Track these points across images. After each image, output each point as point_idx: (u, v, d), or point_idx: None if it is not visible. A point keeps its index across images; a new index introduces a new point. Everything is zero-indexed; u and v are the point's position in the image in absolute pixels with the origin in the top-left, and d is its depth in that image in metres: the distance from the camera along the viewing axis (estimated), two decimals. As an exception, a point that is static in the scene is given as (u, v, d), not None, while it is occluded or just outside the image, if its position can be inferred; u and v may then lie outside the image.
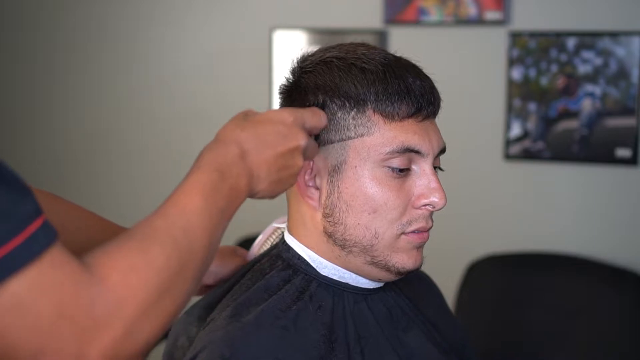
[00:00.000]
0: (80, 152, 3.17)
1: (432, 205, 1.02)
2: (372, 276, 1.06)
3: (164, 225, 0.75)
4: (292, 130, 0.91)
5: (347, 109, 1.01)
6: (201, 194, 0.80)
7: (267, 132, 0.90)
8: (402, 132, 1.00)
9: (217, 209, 0.81)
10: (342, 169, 1.01)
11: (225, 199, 0.83)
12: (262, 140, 0.89)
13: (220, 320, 0.99)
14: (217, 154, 0.86)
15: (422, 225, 1.03)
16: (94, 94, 3.14)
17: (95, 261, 0.69)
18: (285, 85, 1.08)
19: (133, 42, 3.06)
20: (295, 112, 0.94)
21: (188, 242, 0.76)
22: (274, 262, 1.08)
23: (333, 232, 1.03)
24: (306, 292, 1.03)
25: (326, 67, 1.03)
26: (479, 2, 2.55)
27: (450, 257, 2.62)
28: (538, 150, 2.55)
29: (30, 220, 0.65)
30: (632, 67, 2.42)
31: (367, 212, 1.01)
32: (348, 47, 1.06)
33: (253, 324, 0.96)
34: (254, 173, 0.87)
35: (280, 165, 0.90)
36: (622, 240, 2.51)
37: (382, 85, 1.01)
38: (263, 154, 0.88)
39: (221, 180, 0.83)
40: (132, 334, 0.69)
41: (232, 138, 0.88)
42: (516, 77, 2.55)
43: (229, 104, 2.94)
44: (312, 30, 2.78)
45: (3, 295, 0.63)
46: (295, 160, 0.92)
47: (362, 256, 1.03)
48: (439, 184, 1.02)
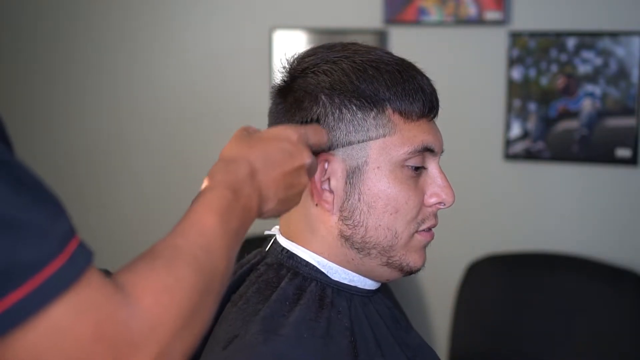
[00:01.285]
0: (80, 152, 3.17)
1: (443, 203, 1.04)
2: (382, 277, 1.06)
3: (186, 245, 0.74)
4: (297, 148, 0.91)
5: (367, 110, 1.00)
6: (217, 213, 0.79)
7: (274, 150, 0.89)
8: (420, 131, 1.02)
9: (232, 230, 0.80)
10: (363, 170, 1.00)
11: (239, 219, 0.82)
12: (270, 159, 0.88)
13: (251, 336, 0.94)
14: (229, 172, 0.84)
15: (432, 223, 1.05)
16: (93, 94, 3.14)
17: (127, 282, 0.68)
18: (283, 86, 1.05)
19: (132, 42, 3.06)
20: (299, 130, 0.93)
21: (210, 263, 0.75)
22: (278, 271, 1.04)
23: (351, 235, 1.02)
24: (325, 299, 1.01)
25: (336, 67, 1.01)
26: (479, 2, 2.55)
27: (450, 257, 2.62)
28: (538, 150, 2.55)
29: (68, 240, 0.64)
30: (632, 67, 2.42)
31: (389, 213, 1.01)
32: (348, 46, 1.05)
33: (295, 337, 0.94)
34: (263, 193, 0.86)
35: (287, 184, 0.90)
36: (622, 240, 2.51)
37: (400, 85, 1.01)
38: (271, 173, 0.87)
39: (235, 199, 0.82)
40: (166, 355, 0.68)
41: (241, 155, 0.87)
42: (516, 77, 2.55)
43: (229, 104, 2.94)
44: (312, 30, 2.78)
45: (43, 320, 0.62)
46: (301, 178, 0.92)
47: (379, 258, 1.03)
48: (448, 182, 1.05)
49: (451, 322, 2.58)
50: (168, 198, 3.05)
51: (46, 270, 0.62)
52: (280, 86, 1.06)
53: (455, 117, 2.55)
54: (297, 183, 0.91)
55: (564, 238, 2.57)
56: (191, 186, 3.00)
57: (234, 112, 2.91)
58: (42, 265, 0.62)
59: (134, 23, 3.06)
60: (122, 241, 3.11)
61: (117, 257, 3.23)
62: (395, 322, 1.08)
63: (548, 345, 2.39)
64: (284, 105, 1.04)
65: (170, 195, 3.04)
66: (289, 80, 1.05)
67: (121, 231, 3.13)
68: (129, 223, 3.13)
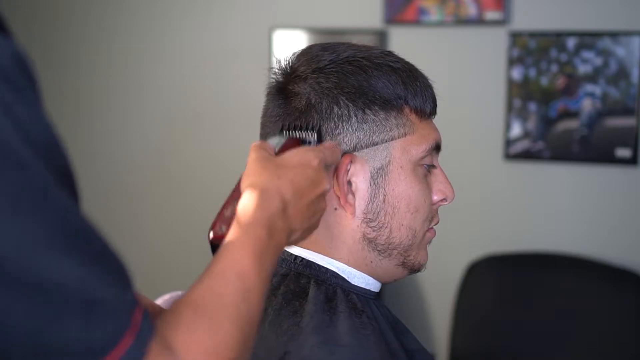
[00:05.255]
0: (80, 152, 3.17)
1: (447, 200, 1.05)
2: (391, 278, 1.06)
3: (227, 294, 0.74)
4: (319, 174, 0.89)
5: (389, 109, 0.99)
6: (254, 255, 0.78)
7: (299, 178, 0.87)
8: (431, 129, 1.03)
9: (267, 271, 0.79)
10: (387, 170, 1.00)
11: (271, 258, 0.81)
12: (297, 188, 0.86)
13: (311, 350, 0.92)
14: (263, 207, 0.82)
15: (438, 220, 1.06)
16: (93, 94, 3.14)
17: (176, 342, 0.69)
18: (284, 87, 1.02)
19: (132, 42, 3.06)
20: (319, 153, 0.91)
21: (248, 310, 0.75)
22: (297, 280, 1.01)
23: (375, 237, 1.01)
24: (356, 304, 0.99)
25: (353, 66, 0.99)
26: (479, 2, 2.55)
27: (450, 257, 2.62)
28: (538, 150, 2.55)
29: (134, 310, 0.66)
30: (632, 67, 2.42)
31: (410, 212, 1.01)
32: (353, 45, 1.03)
33: (357, 345, 0.93)
34: (291, 226, 0.85)
35: (311, 213, 0.88)
36: (622, 240, 2.51)
37: (414, 84, 1.01)
38: (299, 203, 0.86)
39: (269, 238, 0.80)
40: None
41: (273, 187, 0.84)
42: (516, 77, 2.55)
43: (228, 104, 2.94)
44: (312, 30, 2.78)
45: None
46: (321, 204, 0.90)
47: (398, 258, 1.03)
48: (447, 179, 1.06)
49: (451, 322, 2.58)
50: (168, 197, 3.05)
51: (118, 350, 0.63)
52: (282, 87, 1.02)
53: (455, 117, 2.55)
54: (319, 209, 0.90)
55: (564, 238, 2.57)
56: (190, 184, 3.02)
57: (234, 111, 2.91)
58: (113, 344, 0.63)
59: (132, 23, 3.05)
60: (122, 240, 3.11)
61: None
62: (396, 324, 1.08)
63: (548, 345, 2.39)
64: (288, 107, 1.01)
65: (170, 193, 3.04)
66: (292, 81, 1.01)
67: (121, 229, 3.13)
68: (130, 222, 3.13)
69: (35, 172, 0.62)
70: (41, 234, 0.61)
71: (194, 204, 2.99)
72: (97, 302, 0.63)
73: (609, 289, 2.43)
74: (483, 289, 2.56)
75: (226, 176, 3.02)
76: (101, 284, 0.64)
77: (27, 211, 0.61)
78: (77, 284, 0.62)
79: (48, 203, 0.62)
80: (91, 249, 0.65)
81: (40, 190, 0.62)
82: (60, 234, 0.62)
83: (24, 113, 0.62)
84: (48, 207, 0.62)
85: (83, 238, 0.64)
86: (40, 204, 0.61)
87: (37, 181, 0.61)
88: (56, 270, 0.61)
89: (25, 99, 0.63)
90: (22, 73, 0.64)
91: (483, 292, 2.55)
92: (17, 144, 0.61)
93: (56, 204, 0.63)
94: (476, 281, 2.55)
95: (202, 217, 3.09)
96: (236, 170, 0.94)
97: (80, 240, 0.64)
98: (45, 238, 0.61)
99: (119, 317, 0.64)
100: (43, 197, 0.62)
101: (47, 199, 0.62)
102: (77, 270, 0.62)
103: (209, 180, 2.94)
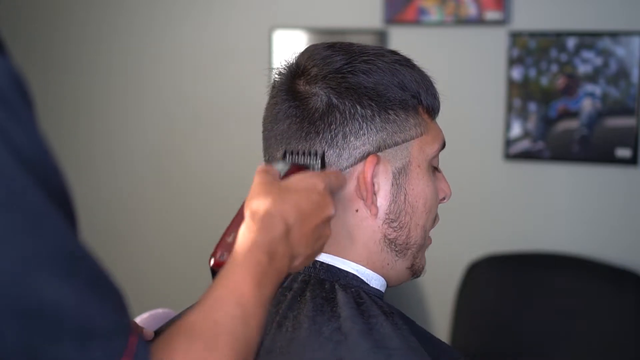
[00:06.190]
0: (81, 152, 3.17)
1: (446, 198, 1.06)
2: (397, 281, 1.06)
3: (224, 321, 0.74)
4: (325, 199, 0.88)
5: (408, 109, 0.99)
6: (254, 281, 0.77)
7: (304, 202, 0.85)
8: (439, 128, 1.04)
9: (266, 297, 0.79)
10: (407, 170, 0.99)
11: (272, 283, 0.80)
12: (301, 213, 0.84)
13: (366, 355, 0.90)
14: (266, 231, 0.81)
15: (439, 220, 1.06)
16: (93, 94, 3.13)
17: None
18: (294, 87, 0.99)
19: (132, 42, 3.06)
20: (325, 178, 0.89)
21: (245, 335, 0.75)
22: (322, 285, 0.99)
23: (396, 238, 1.00)
24: (383, 307, 0.98)
25: (369, 66, 0.98)
26: (479, 2, 2.55)
27: (450, 257, 2.62)
28: (538, 150, 2.55)
29: (129, 336, 0.66)
30: (632, 67, 2.42)
31: (425, 212, 1.01)
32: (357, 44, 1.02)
33: (407, 347, 0.91)
34: (294, 251, 0.84)
35: (315, 238, 0.87)
36: (622, 240, 2.51)
37: (424, 82, 1.02)
38: (303, 228, 0.84)
39: (269, 263, 0.79)
40: None
41: (276, 211, 0.82)
42: (516, 77, 2.55)
43: (228, 104, 2.94)
44: (312, 30, 2.78)
45: None
46: (326, 230, 0.89)
47: (410, 260, 1.03)
48: None
49: (451, 322, 2.58)
50: (167, 197, 3.05)
51: None
52: (292, 87, 1.00)
53: (455, 117, 2.55)
54: (323, 235, 0.88)
55: (564, 238, 2.57)
56: (189, 186, 3.01)
57: (234, 112, 2.91)
58: None
59: (132, 23, 3.05)
60: (123, 240, 3.11)
61: (116, 254, 3.21)
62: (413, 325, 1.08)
63: (548, 345, 2.39)
64: (305, 108, 0.98)
65: (170, 193, 3.04)
66: (304, 81, 0.99)
67: (119, 227, 3.13)
68: (130, 222, 3.13)
69: (29, 195, 0.61)
70: (36, 257, 0.61)
71: (193, 204, 2.99)
72: (93, 326, 0.63)
73: (609, 289, 2.42)
74: (483, 289, 2.56)
75: (225, 175, 3.04)
76: (97, 309, 0.64)
77: (21, 234, 0.60)
78: (73, 308, 0.62)
79: (43, 226, 0.62)
80: (87, 273, 0.64)
81: (34, 213, 0.61)
82: (54, 257, 0.62)
83: (18, 134, 0.62)
84: (43, 231, 0.61)
85: (78, 262, 0.64)
86: (34, 228, 0.61)
87: (30, 203, 0.61)
88: (51, 294, 0.61)
89: (21, 120, 0.63)
90: (18, 93, 0.63)
91: (483, 292, 2.55)
92: (10, 165, 0.60)
93: (51, 227, 0.62)
94: (476, 281, 2.55)
95: (201, 217, 3.10)
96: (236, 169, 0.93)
97: (76, 264, 0.64)
98: (40, 261, 0.61)
99: (115, 341, 0.64)
100: (37, 221, 0.61)
101: (42, 223, 0.61)
102: (73, 294, 0.62)
103: (209, 179, 2.94)
